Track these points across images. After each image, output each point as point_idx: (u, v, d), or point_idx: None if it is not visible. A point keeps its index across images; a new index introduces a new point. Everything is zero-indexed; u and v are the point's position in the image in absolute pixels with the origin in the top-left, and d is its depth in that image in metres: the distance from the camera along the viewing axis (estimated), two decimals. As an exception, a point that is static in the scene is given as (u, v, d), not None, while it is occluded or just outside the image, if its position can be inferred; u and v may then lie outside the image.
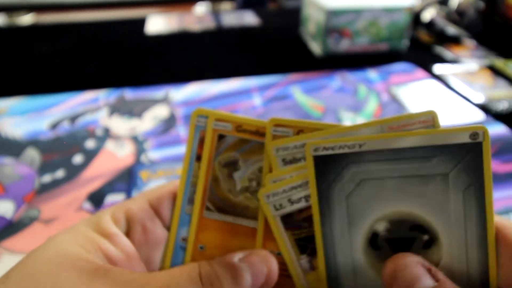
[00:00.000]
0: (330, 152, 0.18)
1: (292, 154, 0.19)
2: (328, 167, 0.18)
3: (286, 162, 0.19)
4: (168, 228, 0.20)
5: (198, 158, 0.20)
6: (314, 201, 0.18)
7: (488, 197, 0.17)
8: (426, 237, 0.18)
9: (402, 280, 0.16)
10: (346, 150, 0.18)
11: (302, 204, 0.18)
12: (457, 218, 0.17)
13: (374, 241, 0.18)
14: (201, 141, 0.20)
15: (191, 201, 0.20)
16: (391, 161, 0.18)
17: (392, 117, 0.18)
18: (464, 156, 0.17)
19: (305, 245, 0.18)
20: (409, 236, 0.18)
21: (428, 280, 0.16)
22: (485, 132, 0.17)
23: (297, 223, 0.19)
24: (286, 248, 0.19)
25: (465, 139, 0.17)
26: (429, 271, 0.16)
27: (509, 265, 0.17)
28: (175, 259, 0.20)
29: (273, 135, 0.19)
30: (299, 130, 0.19)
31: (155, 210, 0.20)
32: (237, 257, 0.18)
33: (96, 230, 0.18)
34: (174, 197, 0.21)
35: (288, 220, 0.19)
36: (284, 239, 0.19)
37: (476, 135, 0.17)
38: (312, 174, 0.18)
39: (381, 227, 0.18)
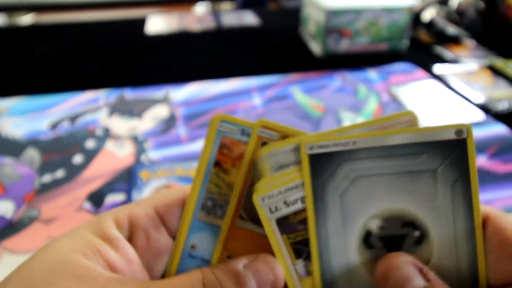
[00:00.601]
0: (324, 150, 0.18)
1: (282, 160, 0.19)
2: (323, 165, 0.18)
3: (276, 168, 0.19)
4: (174, 236, 0.20)
5: (217, 164, 0.20)
6: (309, 200, 0.18)
7: (474, 191, 0.18)
8: (417, 233, 0.18)
9: (393, 280, 0.16)
10: (340, 148, 0.18)
11: (298, 206, 0.18)
12: (446, 213, 0.18)
13: (367, 239, 0.18)
14: (222, 147, 0.20)
15: (205, 207, 0.20)
16: (383, 158, 0.18)
17: (375, 119, 0.19)
18: (450, 152, 0.18)
19: (301, 249, 0.18)
20: (401, 233, 0.18)
21: (419, 281, 0.16)
22: (469, 129, 0.18)
23: (293, 226, 0.18)
24: (281, 253, 0.18)
25: (451, 135, 0.18)
26: (421, 271, 0.16)
27: (496, 252, 0.17)
28: (182, 266, 0.19)
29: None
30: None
31: (161, 217, 0.19)
32: (241, 263, 0.17)
33: (97, 234, 0.18)
34: (183, 205, 0.20)
35: (284, 223, 0.18)
36: (279, 244, 0.18)
37: (460, 132, 0.18)
38: (307, 173, 0.18)
39: (374, 225, 0.18)
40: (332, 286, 0.18)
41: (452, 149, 0.18)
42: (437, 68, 0.66)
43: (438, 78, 0.63)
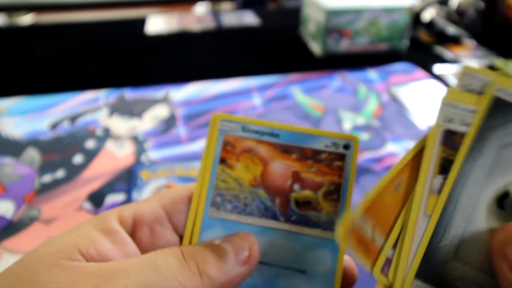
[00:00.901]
0: (509, 98, 0.18)
1: (474, 85, 0.19)
2: (500, 112, 0.18)
3: (466, 89, 0.19)
4: (179, 232, 0.20)
5: (222, 161, 0.20)
6: (470, 134, 0.18)
7: None
8: None
9: None
10: None
11: (470, 129, 0.18)
12: None
13: (502, 199, 0.18)
14: (225, 145, 0.20)
15: (215, 204, 0.20)
16: None
17: None
18: None
19: (448, 168, 0.18)
20: None
21: None
22: None
23: (455, 144, 0.18)
24: (429, 161, 0.18)
25: None
26: None
27: None
28: None
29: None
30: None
31: (167, 214, 0.20)
32: (217, 240, 0.18)
33: (98, 228, 0.18)
34: (189, 202, 0.20)
35: (448, 137, 0.18)
36: (433, 151, 0.18)
37: None
38: (483, 111, 0.18)
39: None
40: (449, 216, 0.18)
41: None
42: (437, 68, 0.66)
43: (438, 78, 0.63)
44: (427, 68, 0.67)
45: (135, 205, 0.19)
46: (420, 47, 0.76)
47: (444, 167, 0.18)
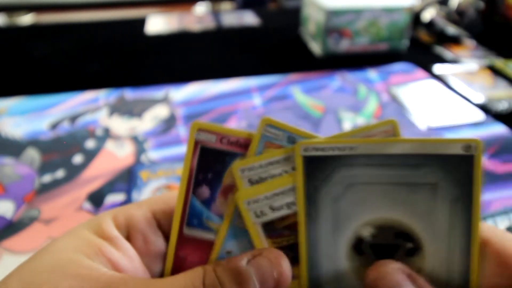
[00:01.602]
0: (320, 153, 0.18)
1: (257, 174, 0.18)
2: (317, 168, 0.18)
3: (252, 182, 0.18)
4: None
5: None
6: (300, 203, 0.18)
7: (475, 210, 0.17)
8: (410, 245, 0.18)
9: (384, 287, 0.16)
10: (337, 152, 0.17)
11: (284, 211, 0.18)
12: (442, 229, 0.17)
13: (358, 246, 0.18)
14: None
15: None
16: (381, 167, 0.17)
17: (352, 130, 0.18)
18: (455, 167, 0.17)
19: (286, 254, 0.18)
20: (393, 243, 0.18)
21: (409, 287, 0.16)
22: (477, 146, 0.17)
23: (279, 231, 0.18)
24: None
25: (457, 150, 0.17)
26: (410, 277, 0.16)
27: (495, 273, 0.17)
28: None
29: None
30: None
31: (158, 223, 0.19)
32: (245, 259, 0.17)
33: (97, 233, 0.18)
34: None
35: (269, 228, 0.18)
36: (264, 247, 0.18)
37: (468, 147, 0.17)
38: (301, 175, 0.18)
39: (366, 232, 0.18)
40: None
41: (457, 164, 0.17)
42: (437, 68, 0.66)
43: (438, 78, 0.63)
44: (427, 68, 0.67)
45: (127, 210, 0.19)
46: (420, 47, 0.76)
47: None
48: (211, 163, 0.19)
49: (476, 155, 0.17)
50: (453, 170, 0.17)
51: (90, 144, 0.48)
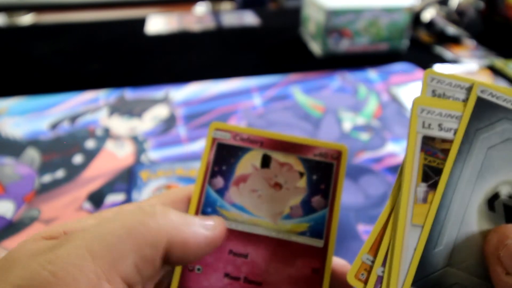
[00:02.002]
0: (494, 100, 0.18)
1: (444, 89, 0.19)
2: (486, 113, 0.18)
3: (435, 94, 0.19)
4: None
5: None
6: (458, 138, 0.18)
7: None
8: None
9: (507, 251, 0.15)
10: (509, 105, 0.18)
11: (449, 135, 0.18)
12: None
13: (492, 201, 0.18)
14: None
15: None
16: None
17: None
18: None
19: (430, 175, 0.18)
20: None
21: None
22: None
23: (435, 150, 0.18)
24: (411, 168, 0.18)
25: None
26: None
27: None
28: None
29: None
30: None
31: None
32: None
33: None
34: (188, 202, 0.21)
35: (428, 143, 0.18)
36: (414, 159, 0.18)
37: None
38: (469, 112, 0.18)
39: (504, 190, 0.18)
40: (440, 224, 0.17)
41: None
42: (437, 68, 0.66)
43: (438, 78, 0.63)
44: (427, 68, 0.66)
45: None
46: (420, 47, 0.76)
47: (426, 175, 0.18)
48: (225, 157, 0.22)
49: None
50: None
51: (90, 144, 0.48)
